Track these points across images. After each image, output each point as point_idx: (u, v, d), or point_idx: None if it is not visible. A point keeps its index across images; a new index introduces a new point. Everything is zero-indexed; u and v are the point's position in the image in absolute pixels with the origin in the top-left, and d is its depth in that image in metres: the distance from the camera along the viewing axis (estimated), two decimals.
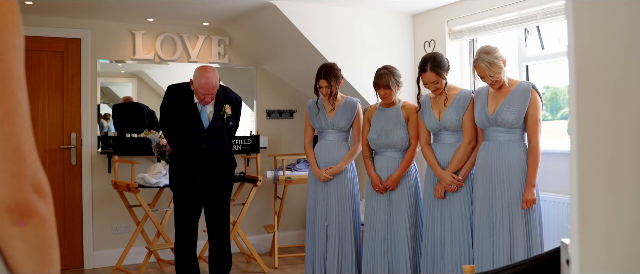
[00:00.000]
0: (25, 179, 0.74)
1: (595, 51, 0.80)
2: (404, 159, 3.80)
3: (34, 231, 0.75)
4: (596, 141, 0.75)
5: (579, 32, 0.80)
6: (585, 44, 0.80)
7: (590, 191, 0.73)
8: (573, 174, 0.74)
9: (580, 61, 0.80)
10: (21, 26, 0.78)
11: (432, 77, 3.57)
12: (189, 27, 5.41)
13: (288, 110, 5.85)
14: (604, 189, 0.73)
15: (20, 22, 0.77)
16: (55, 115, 5.02)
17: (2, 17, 0.74)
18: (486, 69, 3.32)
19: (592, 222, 0.72)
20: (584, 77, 0.79)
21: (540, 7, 3.88)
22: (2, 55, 0.73)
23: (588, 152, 0.74)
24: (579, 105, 0.77)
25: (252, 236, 5.64)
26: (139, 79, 5.49)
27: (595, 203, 0.73)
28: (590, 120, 0.76)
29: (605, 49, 0.80)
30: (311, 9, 4.58)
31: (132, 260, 5.03)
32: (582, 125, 0.76)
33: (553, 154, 3.82)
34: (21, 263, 0.76)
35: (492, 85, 3.39)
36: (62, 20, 4.98)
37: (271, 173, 5.13)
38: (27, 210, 0.74)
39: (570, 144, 0.78)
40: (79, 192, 5.10)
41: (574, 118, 0.78)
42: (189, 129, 3.81)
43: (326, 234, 4.01)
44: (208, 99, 3.78)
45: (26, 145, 0.75)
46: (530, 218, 3.30)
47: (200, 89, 3.72)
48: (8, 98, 0.73)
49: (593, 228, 0.72)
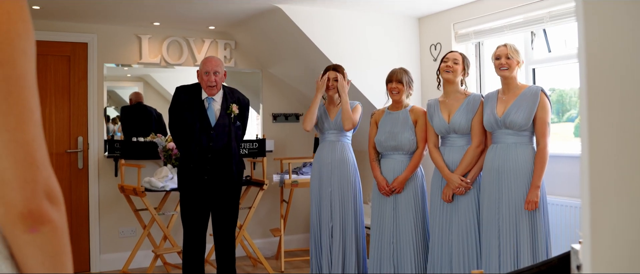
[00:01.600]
0: (38, 186, 0.74)
1: (606, 55, 0.80)
2: (411, 161, 3.81)
3: (46, 238, 0.75)
4: (608, 146, 0.75)
5: (590, 36, 0.80)
6: (596, 47, 0.80)
7: (602, 197, 0.72)
8: (584, 180, 0.74)
9: (591, 65, 0.80)
10: (32, 33, 0.78)
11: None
12: (195, 31, 5.42)
13: (294, 113, 5.86)
14: (615, 194, 0.73)
15: (31, 29, 0.78)
16: (62, 119, 5.05)
17: (14, 25, 0.75)
18: (510, 50, 3.40)
19: (604, 228, 0.72)
20: (595, 82, 0.79)
21: (546, 10, 3.87)
22: (14, 62, 0.73)
23: (600, 158, 0.74)
24: (590, 110, 0.77)
25: (259, 239, 5.64)
26: (145, 83, 5.51)
27: (607, 209, 0.73)
28: (602, 125, 0.76)
29: (617, 52, 0.79)
30: (317, 12, 4.59)
31: (138, 263, 5.04)
32: (593, 130, 0.76)
33: (560, 158, 3.80)
34: (34, 269, 0.76)
35: (503, 70, 3.40)
36: (69, 24, 5.01)
37: (277, 177, 5.13)
38: (40, 217, 0.74)
39: (582, 149, 0.77)
40: (86, 196, 5.12)
41: (585, 123, 0.77)
42: (196, 127, 3.84)
43: (331, 235, 4.02)
44: (213, 83, 3.84)
45: (38, 152, 0.76)
46: (537, 221, 3.29)
47: (203, 67, 3.87)
48: (21, 105, 0.74)
49: (605, 234, 0.72)
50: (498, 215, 3.37)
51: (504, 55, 3.40)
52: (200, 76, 3.91)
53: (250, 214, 4.99)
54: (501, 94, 3.51)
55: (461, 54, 3.74)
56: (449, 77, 3.67)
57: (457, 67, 3.65)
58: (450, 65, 3.66)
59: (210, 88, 3.85)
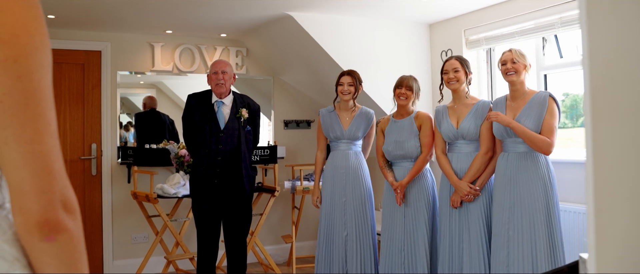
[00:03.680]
0: (55, 196, 0.76)
1: (610, 61, 0.80)
2: (414, 166, 3.79)
3: (62, 247, 0.77)
4: (613, 155, 0.75)
5: (594, 41, 0.80)
6: (601, 54, 0.80)
7: (607, 206, 0.72)
8: (589, 189, 0.74)
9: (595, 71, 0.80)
10: (49, 46, 0.80)
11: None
12: (207, 39, 5.47)
13: (305, 120, 5.87)
14: (621, 204, 0.73)
15: (48, 42, 0.80)
16: (76, 126, 5.11)
17: (31, 38, 0.77)
18: (515, 54, 3.36)
19: (610, 237, 0.72)
20: (599, 88, 0.79)
21: (558, 16, 3.85)
22: (31, 75, 0.75)
23: (605, 167, 0.74)
24: (595, 116, 0.77)
25: (270, 246, 5.65)
26: (157, 90, 5.56)
27: (613, 218, 0.73)
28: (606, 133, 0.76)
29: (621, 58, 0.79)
30: (327, 20, 4.61)
31: (151, 269, 5.07)
32: (597, 138, 0.76)
33: (574, 164, 3.78)
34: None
35: (509, 75, 3.38)
36: (83, 33, 5.07)
37: (289, 183, 5.15)
38: (56, 226, 0.76)
39: (586, 158, 0.78)
40: (99, 203, 5.17)
41: (590, 131, 0.78)
42: (206, 130, 3.89)
43: (345, 245, 3.99)
44: (221, 80, 3.93)
45: (55, 162, 0.78)
46: (554, 228, 3.25)
47: (212, 68, 4.02)
48: (38, 117, 0.76)
49: (610, 244, 0.72)
50: (510, 224, 3.34)
51: (510, 60, 3.37)
52: (209, 77, 4.03)
53: (262, 221, 5.01)
54: (509, 100, 3.48)
55: (457, 58, 3.70)
56: (455, 88, 3.66)
57: (459, 74, 3.63)
58: (451, 77, 3.65)
59: (219, 87, 3.93)
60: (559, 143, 4.21)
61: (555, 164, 3.84)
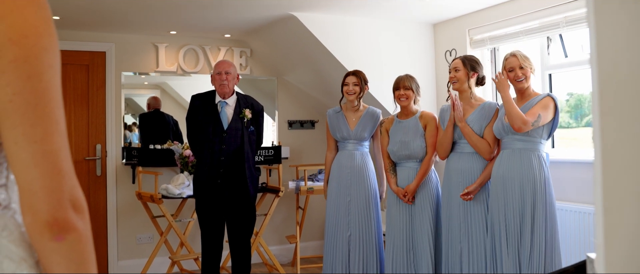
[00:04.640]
0: (64, 195, 0.77)
1: (618, 60, 0.79)
2: (420, 168, 3.79)
3: (71, 246, 0.78)
4: (621, 154, 0.75)
5: (601, 41, 0.80)
6: (609, 53, 0.80)
7: (616, 206, 0.72)
8: (598, 189, 0.74)
9: (603, 71, 0.80)
10: (57, 47, 0.81)
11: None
12: (211, 39, 5.48)
13: (309, 120, 5.88)
14: (630, 203, 0.73)
15: (56, 43, 0.80)
16: (81, 127, 5.12)
17: (41, 39, 0.77)
18: (521, 59, 3.34)
19: (618, 237, 0.72)
20: (607, 87, 0.79)
21: (562, 15, 3.84)
22: (41, 76, 0.76)
23: (613, 166, 0.74)
24: (603, 116, 0.77)
25: (274, 246, 5.66)
26: (162, 91, 5.57)
27: (621, 218, 0.73)
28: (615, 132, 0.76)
29: (630, 57, 0.79)
30: (331, 20, 4.61)
31: (155, 270, 5.08)
32: (606, 137, 0.76)
33: (579, 164, 3.77)
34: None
35: (519, 81, 3.36)
36: (88, 34, 5.09)
37: (293, 184, 5.15)
38: (65, 225, 0.77)
39: (594, 157, 0.78)
40: (104, 203, 5.18)
41: (598, 130, 0.78)
42: (209, 130, 3.90)
43: (348, 245, 4.00)
44: (224, 81, 3.95)
45: (64, 162, 0.78)
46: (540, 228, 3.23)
47: (215, 68, 4.03)
48: (47, 117, 0.76)
49: (619, 243, 0.72)
50: (506, 222, 3.34)
51: (517, 66, 3.35)
52: (213, 78, 4.04)
53: (266, 221, 5.01)
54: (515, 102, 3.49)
55: (461, 58, 3.68)
56: (455, 87, 3.66)
57: (459, 74, 3.62)
58: (451, 76, 3.65)
59: (222, 87, 3.94)
60: (562, 143, 4.21)
61: (559, 164, 3.84)
